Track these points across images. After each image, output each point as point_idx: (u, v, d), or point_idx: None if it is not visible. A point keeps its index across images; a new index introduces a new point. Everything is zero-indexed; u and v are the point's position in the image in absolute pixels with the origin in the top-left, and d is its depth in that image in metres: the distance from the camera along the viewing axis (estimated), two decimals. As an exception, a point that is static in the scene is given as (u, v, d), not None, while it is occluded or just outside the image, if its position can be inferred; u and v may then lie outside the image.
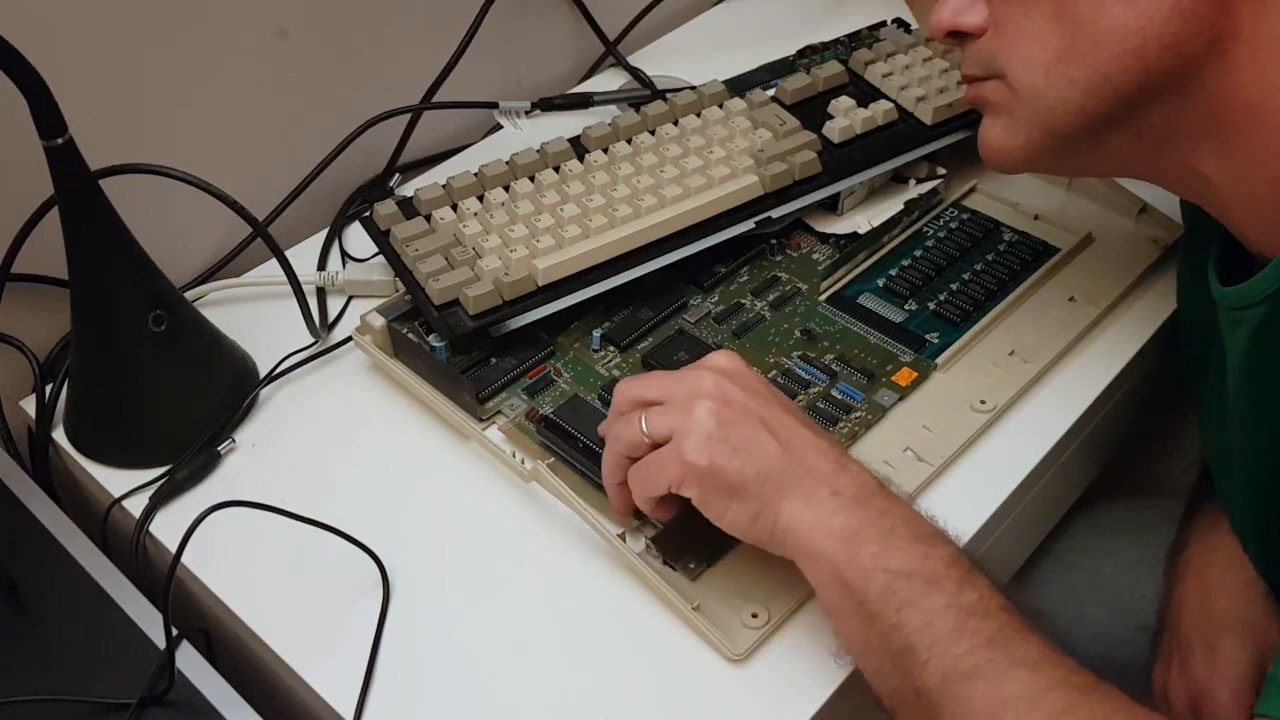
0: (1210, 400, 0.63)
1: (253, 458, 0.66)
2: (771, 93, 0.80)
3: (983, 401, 0.64)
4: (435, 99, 0.85)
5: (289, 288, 0.71)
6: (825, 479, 0.51)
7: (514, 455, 0.62)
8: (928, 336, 0.68)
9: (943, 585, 0.48)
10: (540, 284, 0.67)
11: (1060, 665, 0.46)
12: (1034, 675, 0.45)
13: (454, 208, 0.72)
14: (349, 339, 0.70)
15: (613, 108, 0.89)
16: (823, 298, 0.71)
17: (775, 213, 0.73)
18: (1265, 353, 0.54)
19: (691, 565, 0.57)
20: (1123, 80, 0.52)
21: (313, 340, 0.71)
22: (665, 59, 0.98)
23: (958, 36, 0.60)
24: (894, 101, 0.78)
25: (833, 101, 0.79)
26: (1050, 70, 0.54)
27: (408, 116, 0.84)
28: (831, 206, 0.76)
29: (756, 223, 0.72)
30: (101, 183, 0.60)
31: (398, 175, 0.85)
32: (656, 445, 0.53)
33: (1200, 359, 0.64)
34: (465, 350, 0.66)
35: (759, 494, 0.51)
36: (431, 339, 0.67)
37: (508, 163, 0.74)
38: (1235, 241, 0.58)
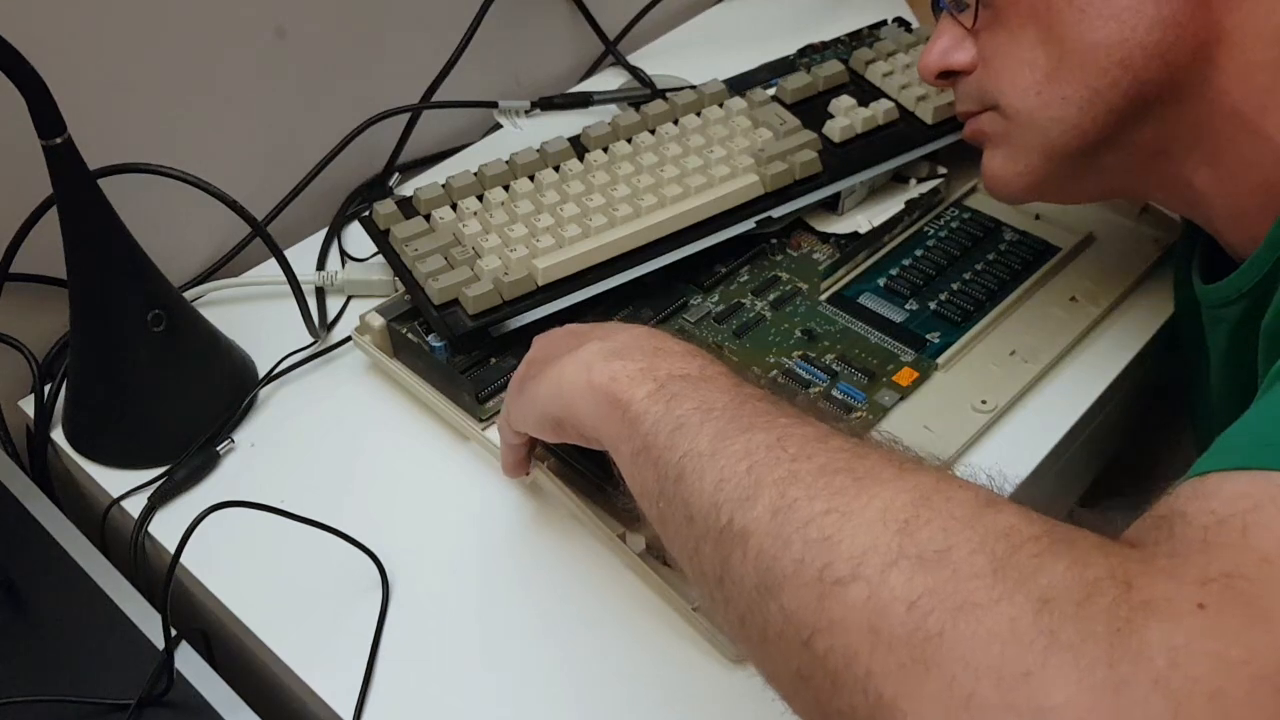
0: (1202, 401, 0.64)
1: (252, 458, 0.66)
2: (772, 92, 0.80)
3: (984, 401, 0.64)
4: (435, 98, 0.85)
5: (288, 287, 0.71)
6: (593, 336, 0.49)
7: (514, 455, 0.62)
8: (928, 336, 0.68)
9: (717, 381, 0.44)
10: (540, 284, 0.67)
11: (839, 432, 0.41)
12: (815, 428, 0.40)
13: (453, 207, 0.72)
14: (348, 339, 0.70)
15: (613, 107, 0.89)
16: (823, 297, 0.71)
17: (775, 212, 0.73)
18: (1243, 349, 0.54)
19: (692, 566, 0.56)
20: (1114, 94, 0.53)
21: (312, 340, 0.71)
22: (665, 58, 0.98)
23: (948, 76, 0.61)
24: (895, 101, 0.78)
25: (833, 101, 0.78)
26: (1042, 91, 0.55)
27: (407, 116, 0.84)
28: (832, 206, 0.76)
29: (757, 222, 0.72)
30: (100, 182, 0.60)
31: (397, 175, 0.85)
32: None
33: (1193, 360, 0.64)
34: (465, 350, 0.66)
35: (541, 373, 0.50)
36: (431, 339, 0.67)
37: (507, 162, 0.73)
38: (1218, 243, 0.58)
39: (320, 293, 0.75)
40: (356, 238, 0.80)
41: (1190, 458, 0.38)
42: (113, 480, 0.64)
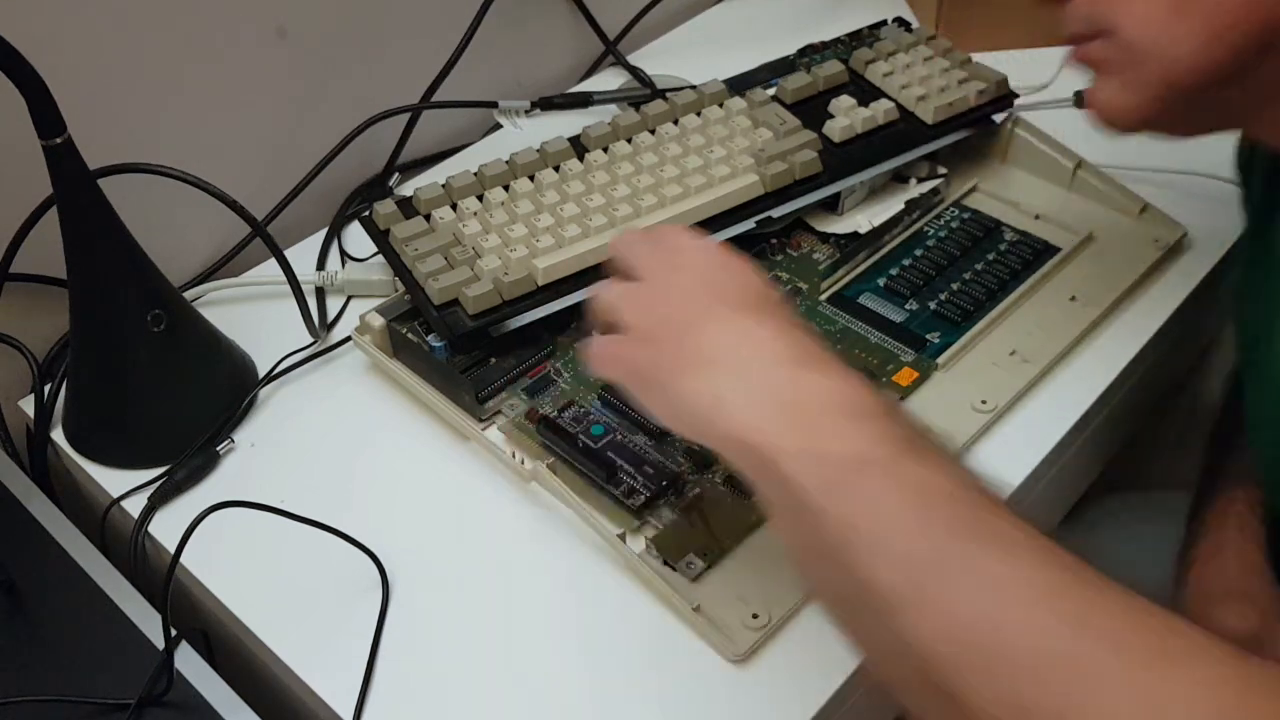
0: (1264, 363, 0.61)
1: (251, 458, 0.66)
2: (772, 92, 0.80)
3: (984, 401, 0.64)
4: (435, 98, 0.85)
5: (288, 287, 0.71)
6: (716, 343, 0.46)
7: (514, 455, 0.62)
8: (928, 336, 0.68)
9: (885, 466, 0.42)
10: (540, 283, 0.67)
11: (1042, 542, 0.39)
12: (1014, 556, 0.39)
13: (453, 207, 0.72)
14: (348, 339, 0.70)
15: (613, 107, 0.89)
16: (823, 297, 0.71)
17: (775, 212, 0.73)
18: None
19: (692, 566, 0.56)
20: (1238, 34, 0.50)
21: (312, 340, 0.71)
22: (665, 58, 0.98)
23: None
24: (895, 100, 0.78)
25: (833, 100, 0.78)
26: (1168, 25, 0.51)
27: (407, 116, 0.84)
28: (832, 206, 0.76)
29: (757, 222, 0.72)
30: (100, 182, 0.60)
31: (397, 175, 0.85)
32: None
33: (1256, 323, 0.62)
34: (465, 350, 0.66)
35: (657, 363, 0.47)
36: (431, 339, 0.67)
37: (507, 162, 0.73)
38: None
39: (320, 293, 0.75)
40: (356, 238, 0.80)
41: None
42: (113, 480, 0.64)
